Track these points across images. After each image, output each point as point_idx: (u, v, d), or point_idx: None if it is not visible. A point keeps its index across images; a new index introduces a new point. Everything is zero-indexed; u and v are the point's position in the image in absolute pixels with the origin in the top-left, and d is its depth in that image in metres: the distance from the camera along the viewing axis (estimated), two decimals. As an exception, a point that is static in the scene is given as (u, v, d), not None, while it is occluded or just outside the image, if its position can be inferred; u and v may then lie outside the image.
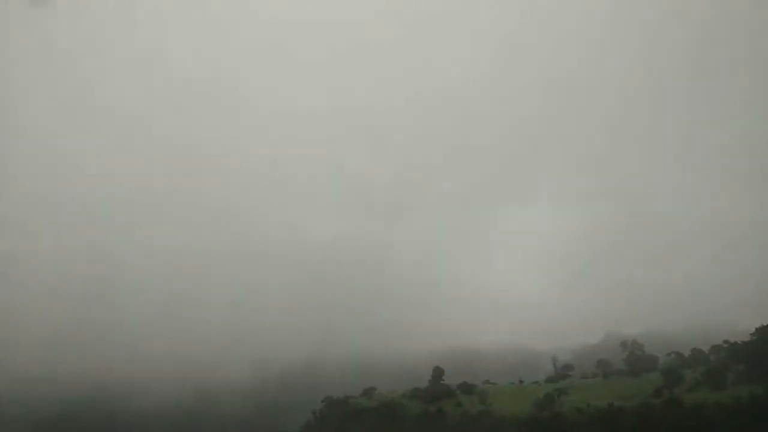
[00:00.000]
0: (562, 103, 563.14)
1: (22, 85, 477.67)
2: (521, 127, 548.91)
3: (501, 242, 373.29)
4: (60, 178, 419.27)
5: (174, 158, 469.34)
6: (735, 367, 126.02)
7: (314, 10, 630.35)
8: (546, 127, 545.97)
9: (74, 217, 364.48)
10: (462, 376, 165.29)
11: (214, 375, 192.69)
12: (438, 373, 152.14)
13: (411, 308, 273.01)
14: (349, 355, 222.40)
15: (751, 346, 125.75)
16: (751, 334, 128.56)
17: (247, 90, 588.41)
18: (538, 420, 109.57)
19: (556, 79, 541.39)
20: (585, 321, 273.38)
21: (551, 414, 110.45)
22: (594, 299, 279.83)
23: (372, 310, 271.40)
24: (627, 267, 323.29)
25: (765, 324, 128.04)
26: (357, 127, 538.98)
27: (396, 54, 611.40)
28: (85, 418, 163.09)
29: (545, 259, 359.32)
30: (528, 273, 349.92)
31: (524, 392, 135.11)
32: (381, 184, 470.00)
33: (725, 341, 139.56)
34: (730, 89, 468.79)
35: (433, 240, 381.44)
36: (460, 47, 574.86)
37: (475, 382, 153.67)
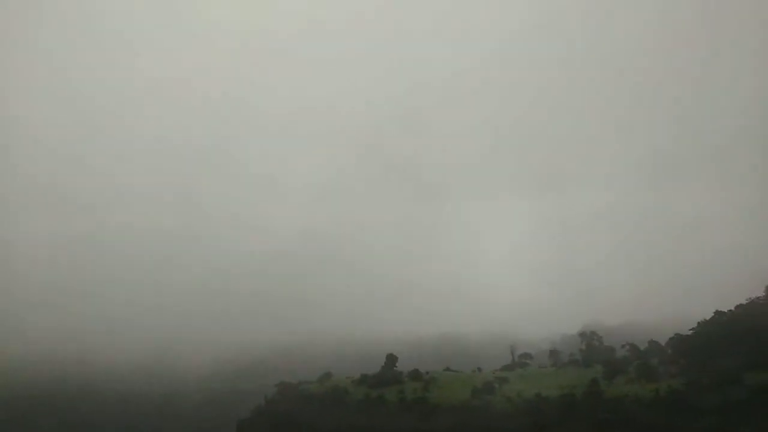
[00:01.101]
0: (548, 104, 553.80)
1: (14, 72, 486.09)
2: (503, 124, 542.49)
3: (482, 233, 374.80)
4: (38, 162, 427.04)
5: (154, 147, 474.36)
6: (679, 360, 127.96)
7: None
8: (525, 124, 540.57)
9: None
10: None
11: (177, 359, 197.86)
12: (391, 360, 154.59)
13: (392, 297, 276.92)
14: (328, 340, 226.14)
15: (692, 339, 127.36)
16: (691, 328, 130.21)
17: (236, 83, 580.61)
18: (468, 408, 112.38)
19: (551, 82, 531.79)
20: (566, 311, 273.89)
21: (481, 402, 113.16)
22: (576, 290, 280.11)
23: (348, 295, 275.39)
24: (610, 259, 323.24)
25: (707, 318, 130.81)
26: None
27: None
28: (49, 401, 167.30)
29: (529, 250, 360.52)
30: (510, 264, 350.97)
31: (472, 380, 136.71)
32: (348, 179, 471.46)
33: (677, 334, 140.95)
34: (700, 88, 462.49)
35: (407, 231, 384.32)
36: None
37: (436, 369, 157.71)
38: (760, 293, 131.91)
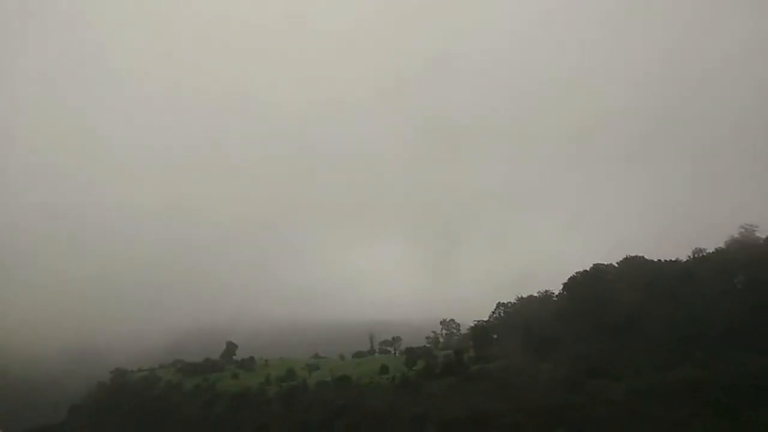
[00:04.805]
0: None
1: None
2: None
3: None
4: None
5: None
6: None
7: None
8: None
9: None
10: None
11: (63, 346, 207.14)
12: (231, 348, 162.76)
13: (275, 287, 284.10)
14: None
15: (474, 330, 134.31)
16: (479, 319, 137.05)
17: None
18: (246, 393, 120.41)
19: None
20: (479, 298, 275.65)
21: (258, 389, 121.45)
22: (486, 276, 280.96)
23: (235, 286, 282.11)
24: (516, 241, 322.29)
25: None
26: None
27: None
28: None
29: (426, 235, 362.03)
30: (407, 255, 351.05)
31: (287, 368, 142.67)
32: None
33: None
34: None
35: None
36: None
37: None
38: None
